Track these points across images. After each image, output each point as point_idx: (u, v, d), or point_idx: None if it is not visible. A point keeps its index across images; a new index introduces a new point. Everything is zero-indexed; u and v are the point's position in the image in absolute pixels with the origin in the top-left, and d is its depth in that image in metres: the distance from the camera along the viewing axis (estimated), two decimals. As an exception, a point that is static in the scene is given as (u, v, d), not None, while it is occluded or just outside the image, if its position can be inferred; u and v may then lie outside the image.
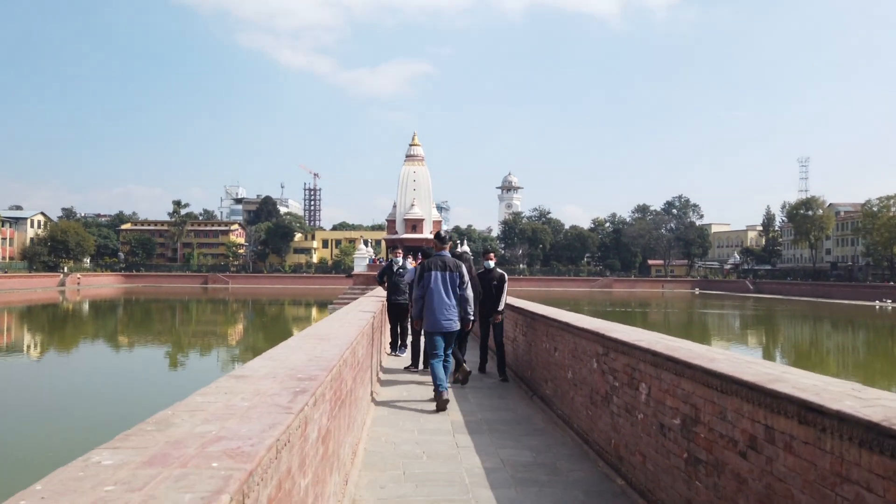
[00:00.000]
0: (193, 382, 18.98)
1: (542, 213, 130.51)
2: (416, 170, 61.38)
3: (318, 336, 4.85)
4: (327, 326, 5.98)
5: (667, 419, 3.96)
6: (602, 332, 5.37)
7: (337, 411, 3.74)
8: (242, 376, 2.94)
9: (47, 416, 15.06)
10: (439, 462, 5.28)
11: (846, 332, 42.92)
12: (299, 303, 68.02)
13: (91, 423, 13.91)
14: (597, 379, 5.49)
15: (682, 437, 3.73)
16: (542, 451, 5.72)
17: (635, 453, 4.49)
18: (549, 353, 7.45)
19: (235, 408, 2.28)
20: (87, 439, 12.65)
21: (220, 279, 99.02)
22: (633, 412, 4.58)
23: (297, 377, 2.93)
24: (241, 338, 36.67)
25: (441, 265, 7.60)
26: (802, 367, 3.59)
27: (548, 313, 7.75)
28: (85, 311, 56.69)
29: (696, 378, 3.58)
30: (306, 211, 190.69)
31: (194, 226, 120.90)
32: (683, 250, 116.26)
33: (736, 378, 3.11)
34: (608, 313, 52.02)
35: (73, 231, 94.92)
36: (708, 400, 3.43)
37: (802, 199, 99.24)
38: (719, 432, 3.29)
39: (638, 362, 4.50)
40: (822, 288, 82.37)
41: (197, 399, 2.41)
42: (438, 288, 7.50)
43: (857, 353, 32.70)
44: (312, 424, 2.70)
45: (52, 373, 22.91)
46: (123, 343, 32.89)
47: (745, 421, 3.05)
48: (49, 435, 13.25)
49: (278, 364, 3.32)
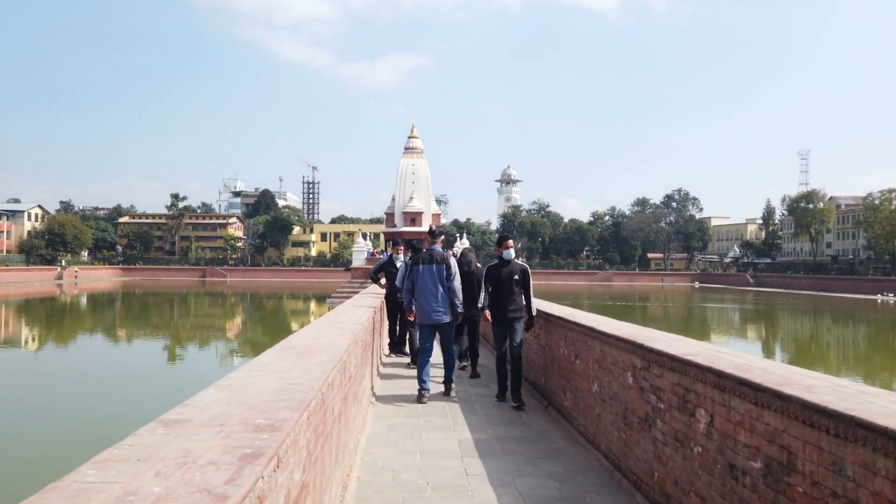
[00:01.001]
0: (186, 384, 18.21)
1: (542, 207, 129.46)
2: (414, 162, 60.31)
3: (299, 349, 3.98)
4: (314, 333, 5.11)
5: (740, 459, 3.11)
6: (640, 341, 4.51)
7: (319, 451, 2.89)
8: (178, 421, 2.08)
9: (25, 416, 14.24)
10: (447, 497, 4.44)
11: (859, 327, 41.96)
12: (298, 296, 67.19)
13: (68, 428, 13.09)
14: (633, 396, 4.64)
15: (765, 486, 2.89)
16: (567, 479, 4.88)
17: (690, 494, 3.65)
18: (567, 361, 6.60)
19: (137, 497, 1.42)
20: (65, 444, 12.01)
21: (218, 272, 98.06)
22: (686, 443, 3.73)
23: (255, 424, 2.08)
24: (238, 331, 35.86)
25: (429, 258, 7.63)
26: (841, 370, 2.73)
27: (567, 315, 6.87)
28: (80, 304, 55.80)
29: (788, 412, 2.73)
30: (305, 204, 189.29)
31: (192, 219, 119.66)
32: (683, 244, 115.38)
33: (865, 422, 2.26)
34: (608, 307, 51.21)
35: (70, 224, 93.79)
36: (811, 444, 2.58)
37: (803, 193, 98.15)
38: (831, 490, 2.45)
39: (694, 382, 3.65)
40: (822, 282, 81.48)
41: (87, 476, 1.56)
42: (426, 280, 7.57)
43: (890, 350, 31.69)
44: (273, 497, 1.85)
45: (36, 371, 22.06)
46: (117, 338, 32.06)
47: (879, 481, 2.21)
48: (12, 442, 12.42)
49: (236, 398, 2.46)
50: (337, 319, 6.65)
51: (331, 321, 6.42)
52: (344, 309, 8.38)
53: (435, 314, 7.52)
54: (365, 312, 7.60)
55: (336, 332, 5.25)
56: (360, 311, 7.75)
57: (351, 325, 5.87)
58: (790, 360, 25.96)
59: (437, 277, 7.55)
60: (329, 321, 6.44)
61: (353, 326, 5.80)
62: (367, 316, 7.24)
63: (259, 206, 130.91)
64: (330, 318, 7.00)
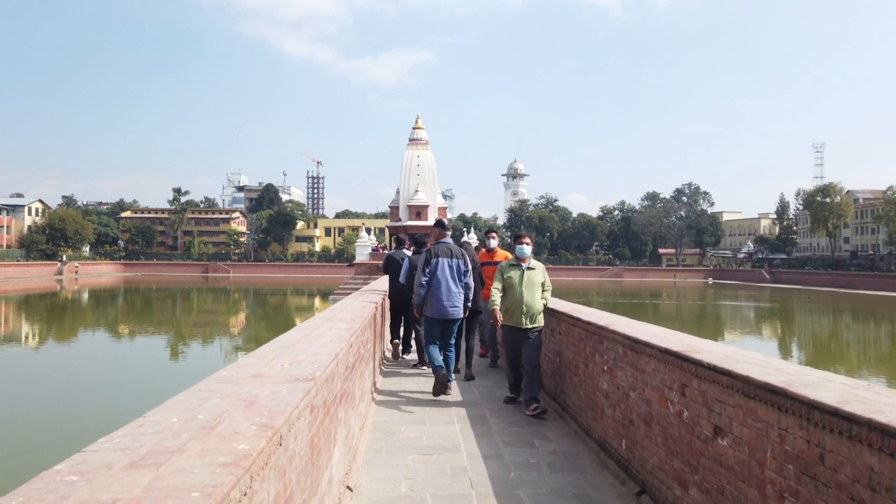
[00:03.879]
0: (177, 384, 16.72)
1: (549, 201, 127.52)
2: (419, 154, 58.30)
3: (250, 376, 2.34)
4: (296, 339, 3.51)
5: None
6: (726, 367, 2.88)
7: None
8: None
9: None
10: None
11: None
12: (301, 292, 65.86)
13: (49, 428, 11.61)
14: (704, 424, 3.02)
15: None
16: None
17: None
18: (595, 375, 4.97)
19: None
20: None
21: (220, 268, 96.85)
22: None
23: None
24: (242, 328, 34.42)
25: (447, 252, 7.55)
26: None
27: (593, 319, 5.24)
28: (78, 300, 54.53)
29: None
30: (309, 199, 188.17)
31: (195, 213, 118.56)
32: (695, 239, 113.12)
33: None
34: (620, 305, 49.39)
35: (71, 219, 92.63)
36: None
37: (819, 186, 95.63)
38: None
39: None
40: (843, 278, 79.24)
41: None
42: (445, 275, 7.43)
43: None
44: None
45: (22, 368, 20.61)
46: (114, 336, 30.75)
47: None
48: None
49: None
50: (323, 330, 5.08)
51: (311, 332, 4.83)
52: (329, 315, 6.83)
53: (452, 308, 7.41)
54: (358, 319, 6.06)
55: (316, 351, 3.64)
56: (354, 317, 6.19)
57: (337, 339, 4.26)
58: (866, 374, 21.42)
59: (455, 273, 7.47)
60: (312, 328, 4.84)
61: (337, 343, 4.19)
62: (361, 321, 5.69)
63: (262, 201, 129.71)
64: (310, 326, 5.44)
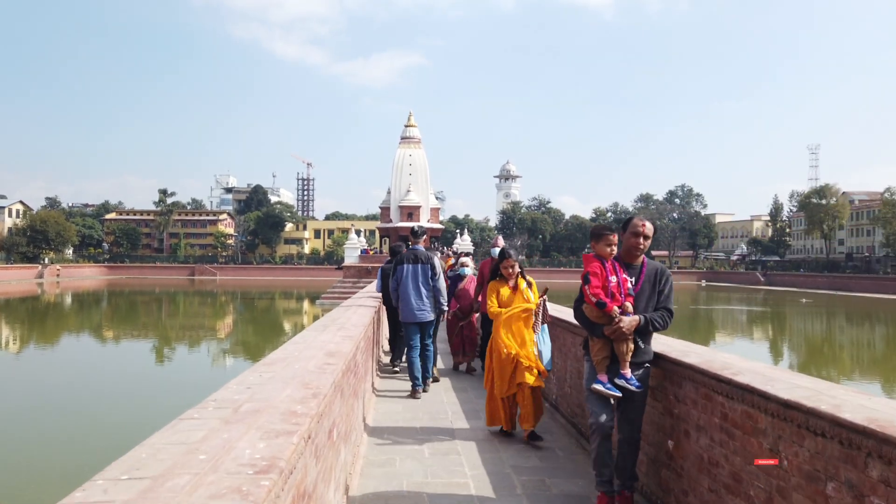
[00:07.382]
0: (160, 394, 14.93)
1: (542, 203, 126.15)
2: (412, 152, 56.45)
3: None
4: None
5: None
6: None
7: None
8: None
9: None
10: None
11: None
12: (290, 295, 63.95)
13: None
14: None
15: None
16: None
17: None
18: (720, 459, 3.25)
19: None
20: None
21: (207, 270, 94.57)
22: None
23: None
24: (228, 333, 32.53)
25: (413, 258, 7.79)
26: None
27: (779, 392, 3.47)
28: (59, 304, 52.29)
29: None
30: (299, 201, 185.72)
31: (181, 215, 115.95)
32: (688, 241, 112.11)
33: None
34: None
35: (53, 220, 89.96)
36: None
37: (815, 188, 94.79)
38: None
39: None
40: (839, 280, 78.23)
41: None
42: (409, 281, 7.69)
43: None
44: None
45: None
46: (98, 340, 28.97)
47: None
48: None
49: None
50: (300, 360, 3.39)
51: (289, 363, 3.15)
52: (312, 334, 5.14)
53: (419, 312, 7.68)
54: (350, 338, 4.36)
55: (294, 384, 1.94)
56: (348, 334, 4.50)
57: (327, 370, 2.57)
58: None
59: (420, 277, 7.70)
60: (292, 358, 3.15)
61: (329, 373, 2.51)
62: (355, 340, 3.99)
63: (251, 202, 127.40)
64: (293, 352, 3.76)
